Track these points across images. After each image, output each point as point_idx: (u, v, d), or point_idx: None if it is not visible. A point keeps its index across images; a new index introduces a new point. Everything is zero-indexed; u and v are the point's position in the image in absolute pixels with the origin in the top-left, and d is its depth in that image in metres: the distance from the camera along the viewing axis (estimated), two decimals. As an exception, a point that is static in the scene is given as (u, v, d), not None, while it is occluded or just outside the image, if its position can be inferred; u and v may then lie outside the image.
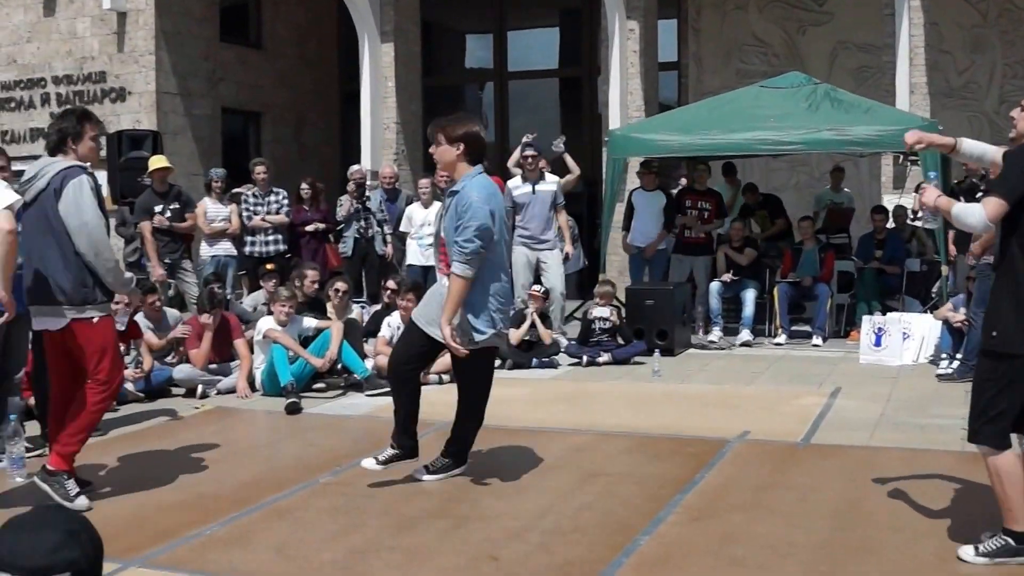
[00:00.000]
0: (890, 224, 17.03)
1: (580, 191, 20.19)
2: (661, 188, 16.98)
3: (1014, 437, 6.28)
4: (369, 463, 8.03)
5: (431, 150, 8.01)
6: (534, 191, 15.26)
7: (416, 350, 8.00)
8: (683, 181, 18.66)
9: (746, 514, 7.23)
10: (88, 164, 7.92)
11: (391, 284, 13.70)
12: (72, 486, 7.67)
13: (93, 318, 7.74)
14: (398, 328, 12.38)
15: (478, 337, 7.83)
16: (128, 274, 8.89)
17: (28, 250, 7.83)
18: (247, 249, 16.47)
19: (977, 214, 6.08)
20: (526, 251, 15.28)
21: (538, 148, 15.59)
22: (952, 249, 14.22)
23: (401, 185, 18.80)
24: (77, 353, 7.84)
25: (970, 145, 6.86)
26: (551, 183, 15.42)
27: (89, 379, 7.81)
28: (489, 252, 7.65)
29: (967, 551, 6.19)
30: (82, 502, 7.58)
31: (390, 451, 8.08)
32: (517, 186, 15.41)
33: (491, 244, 7.66)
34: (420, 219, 16.30)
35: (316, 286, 13.45)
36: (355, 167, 17.69)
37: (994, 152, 6.78)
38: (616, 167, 17.02)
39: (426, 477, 8.19)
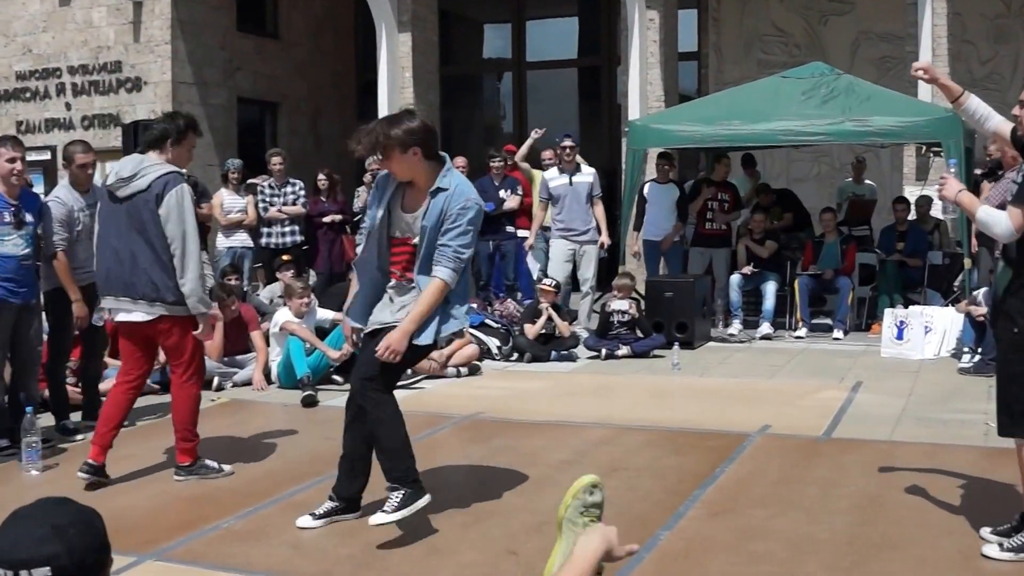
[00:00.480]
0: (912, 216, 16.88)
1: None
2: (674, 181, 16.90)
3: None
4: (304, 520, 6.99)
5: (376, 166, 7.38)
6: (571, 183, 15.20)
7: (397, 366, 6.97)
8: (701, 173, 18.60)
9: (767, 509, 7.17)
10: (184, 170, 8.15)
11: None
12: (210, 463, 8.27)
13: (185, 315, 7.98)
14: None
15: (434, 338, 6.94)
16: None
17: (111, 243, 8.00)
18: (263, 240, 16.43)
19: (1003, 223, 5.93)
20: (565, 243, 15.22)
21: (575, 140, 15.53)
22: (975, 242, 14.09)
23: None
24: (166, 344, 8.19)
25: (976, 104, 6.69)
26: (588, 174, 15.37)
27: (179, 371, 8.17)
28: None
29: (992, 548, 6.11)
30: (228, 469, 8.32)
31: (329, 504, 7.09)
32: (553, 177, 15.37)
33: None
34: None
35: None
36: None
37: (999, 122, 6.64)
38: (636, 158, 16.88)
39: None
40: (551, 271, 15.24)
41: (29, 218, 9.03)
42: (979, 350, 12.45)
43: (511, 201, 16.41)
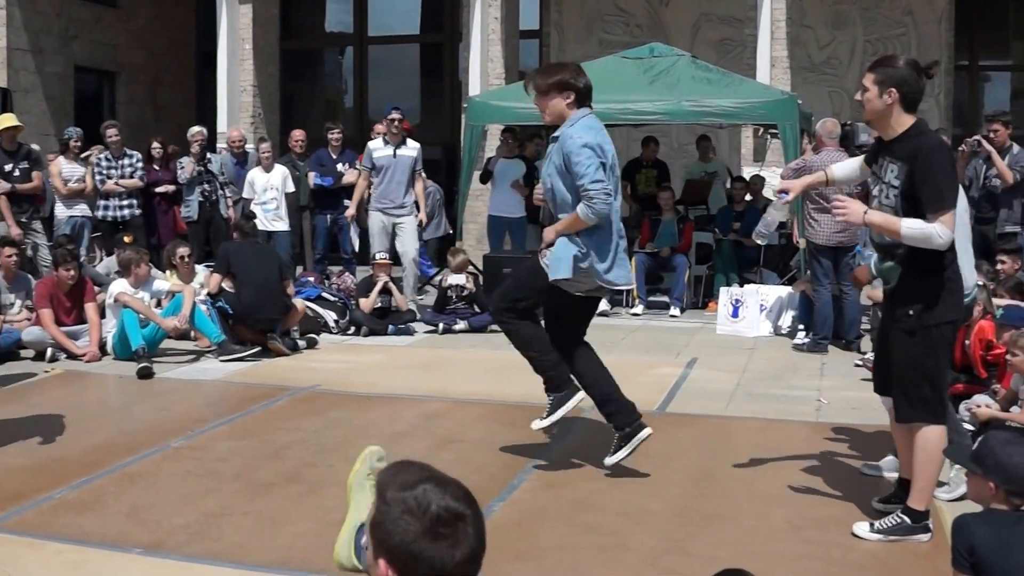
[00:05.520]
0: (748, 197, 17.03)
1: (438, 158, 20.04)
2: (523, 156, 16.94)
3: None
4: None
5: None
6: (395, 155, 15.02)
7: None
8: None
9: (600, 482, 7.25)
10: None
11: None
12: None
13: None
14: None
15: None
16: None
17: None
18: (100, 213, 16.07)
19: (943, 235, 5.83)
20: (380, 216, 15.01)
21: (403, 111, 15.39)
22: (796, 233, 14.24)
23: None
24: None
25: (840, 169, 6.90)
26: (412, 148, 15.14)
27: None
28: None
29: (862, 527, 6.17)
30: None
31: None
32: (378, 148, 15.11)
33: None
34: (262, 184, 16.03)
35: (187, 260, 13.29)
36: (195, 128, 17.30)
37: (858, 162, 6.85)
38: (474, 134, 16.82)
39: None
40: (371, 245, 15.14)
41: None
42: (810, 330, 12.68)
43: (349, 175, 16.30)
